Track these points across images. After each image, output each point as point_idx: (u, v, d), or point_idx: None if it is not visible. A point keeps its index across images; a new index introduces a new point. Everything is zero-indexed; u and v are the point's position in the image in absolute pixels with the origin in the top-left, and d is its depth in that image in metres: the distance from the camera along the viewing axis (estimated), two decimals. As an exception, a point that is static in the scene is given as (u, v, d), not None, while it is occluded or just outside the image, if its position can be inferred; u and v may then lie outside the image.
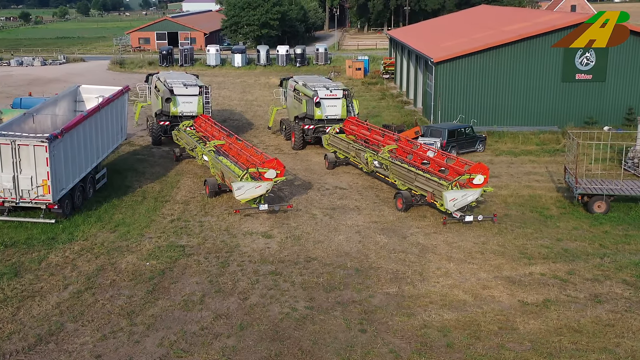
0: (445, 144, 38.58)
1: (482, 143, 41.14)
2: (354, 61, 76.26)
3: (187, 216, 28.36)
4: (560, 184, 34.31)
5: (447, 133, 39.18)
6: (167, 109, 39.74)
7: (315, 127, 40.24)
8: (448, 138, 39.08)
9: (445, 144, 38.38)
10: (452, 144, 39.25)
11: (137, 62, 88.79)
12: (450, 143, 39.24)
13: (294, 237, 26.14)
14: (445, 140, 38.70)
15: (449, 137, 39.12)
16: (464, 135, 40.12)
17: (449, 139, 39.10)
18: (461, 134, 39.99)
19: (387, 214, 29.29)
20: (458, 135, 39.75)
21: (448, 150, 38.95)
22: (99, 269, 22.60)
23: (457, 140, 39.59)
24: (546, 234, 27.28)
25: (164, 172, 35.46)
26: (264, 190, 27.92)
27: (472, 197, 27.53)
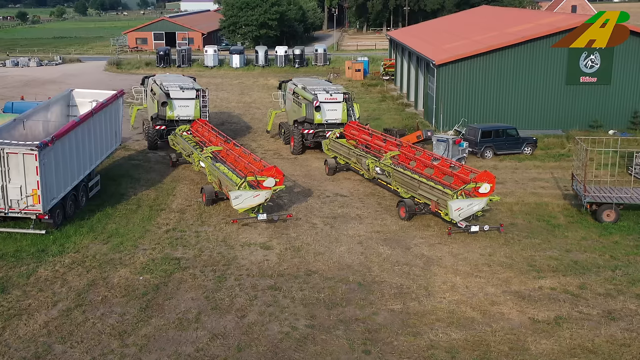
0: (477, 144, 38.28)
1: (531, 146, 39.61)
2: (354, 62, 75.34)
3: (183, 226, 27.40)
4: (567, 190, 33.39)
5: (481, 133, 38.42)
6: (163, 112, 38.77)
7: (315, 132, 39.30)
8: (481, 138, 38.34)
9: (456, 140, 37.80)
10: (486, 144, 38.47)
11: (134, 63, 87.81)
12: (485, 144, 38.45)
13: (293, 248, 25.20)
14: (477, 140, 38.30)
15: (482, 137, 38.39)
16: (503, 137, 39.15)
17: (482, 139, 38.37)
18: (499, 135, 39.05)
19: (390, 223, 28.36)
20: (495, 136, 38.91)
21: (482, 151, 38.31)
22: (90, 283, 21.63)
23: (493, 141, 38.78)
24: (554, 244, 26.36)
25: (160, 178, 34.49)
26: (263, 199, 26.98)
27: (478, 207, 26.60)
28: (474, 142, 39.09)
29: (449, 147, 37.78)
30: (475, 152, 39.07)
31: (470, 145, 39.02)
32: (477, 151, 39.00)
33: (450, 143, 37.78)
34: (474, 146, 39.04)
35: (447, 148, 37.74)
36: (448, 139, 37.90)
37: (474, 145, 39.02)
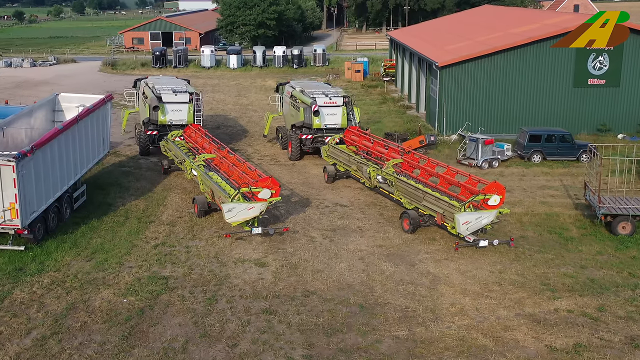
0: (525, 148, 37.61)
1: (587, 153, 37.80)
2: (353, 63, 73.64)
3: (172, 240, 25.74)
4: (578, 199, 31.80)
5: (529, 137, 37.55)
6: (154, 117, 37.11)
7: (314, 137, 37.63)
8: (528, 142, 37.49)
9: (486, 140, 37.03)
10: (534, 149, 37.57)
11: (129, 63, 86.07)
12: (532, 148, 37.56)
13: (290, 265, 23.55)
14: (525, 143, 37.61)
15: (529, 141, 37.53)
16: (554, 141, 37.93)
17: (529, 143, 37.51)
18: (550, 139, 37.87)
19: (393, 237, 26.73)
20: (546, 140, 37.82)
21: (529, 155, 37.44)
22: (70, 307, 19.95)
23: (542, 146, 37.70)
24: (568, 259, 24.74)
25: (150, 187, 32.83)
26: (258, 212, 25.32)
27: (487, 220, 24.96)
28: (522, 145, 38.12)
29: (478, 147, 36.87)
30: (522, 155, 38.06)
31: (519, 149, 38.18)
32: (524, 155, 38.05)
33: (480, 143, 36.91)
34: (521, 149, 38.10)
35: (476, 148, 36.93)
36: (478, 139, 37.02)
37: (522, 149, 38.07)
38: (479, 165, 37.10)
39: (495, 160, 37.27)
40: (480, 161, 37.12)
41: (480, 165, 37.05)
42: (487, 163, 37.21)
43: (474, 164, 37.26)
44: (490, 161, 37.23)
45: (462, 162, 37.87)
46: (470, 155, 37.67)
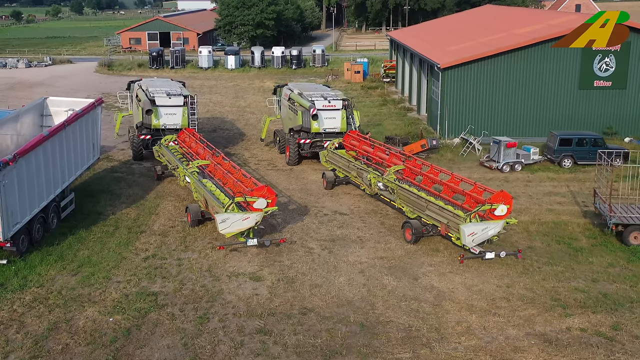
0: (555, 152, 36.90)
1: (621, 157, 36.81)
2: (353, 64, 72.43)
3: (163, 252, 24.55)
4: (586, 207, 30.66)
5: (559, 140, 36.70)
6: (148, 121, 35.92)
7: (312, 142, 36.45)
8: (559, 146, 36.67)
9: (508, 143, 36.20)
10: (564, 153, 36.70)
11: (126, 64, 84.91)
12: (563, 152, 36.70)
13: (287, 279, 22.37)
14: (555, 147, 36.86)
15: (560, 145, 36.69)
16: (586, 145, 36.93)
17: (559, 147, 36.69)
18: (581, 143, 36.93)
19: (395, 247, 25.55)
20: (577, 144, 36.90)
21: (559, 159, 36.59)
22: (52, 327, 18.76)
23: (573, 150, 36.77)
24: (579, 272, 23.58)
25: (143, 194, 31.63)
26: (253, 223, 24.12)
27: (494, 231, 23.78)
28: (552, 149, 37.26)
29: (500, 149, 36.02)
30: (552, 160, 37.18)
31: (549, 153, 37.40)
32: (554, 159, 37.06)
33: (502, 146, 36.02)
34: (551, 154, 37.16)
35: (498, 150, 36.14)
36: (500, 141, 36.13)
37: (552, 153, 37.13)
38: (500, 168, 36.17)
39: (518, 164, 36.32)
40: (501, 164, 36.16)
41: (501, 168, 36.13)
42: (509, 166, 36.24)
43: (495, 166, 36.34)
44: (512, 164, 36.25)
45: (484, 164, 37.05)
46: (493, 157, 36.85)
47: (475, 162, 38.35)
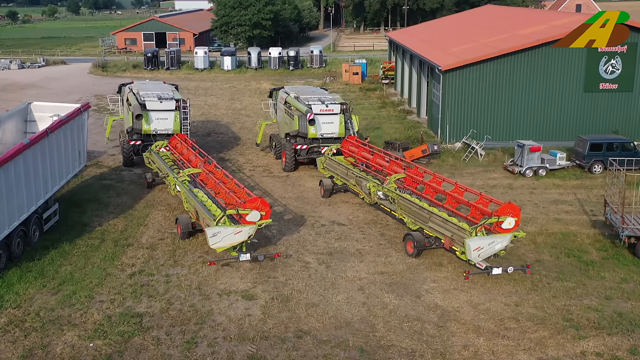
0: (585, 157, 35.91)
1: None
2: (351, 65, 71.10)
3: (151, 267, 23.17)
4: (595, 216, 29.38)
5: (589, 146, 35.62)
6: (138, 126, 34.54)
7: (309, 147, 35.09)
8: (589, 151, 35.58)
9: (532, 147, 35.18)
10: (595, 158, 35.56)
11: (120, 65, 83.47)
12: (593, 157, 35.48)
13: (281, 298, 21.02)
14: (585, 153, 35.78)
15: (590, 150, 35.59)
16: (616, 150, 35.83)
17: (590, 152, 35.59)
18: (612, 148, 35.88)
19: (396, 261, 24.21)
20: (607, 149, 35.78)
21: (589, 164, 35.56)
22: (26, 355, 17.36)
23: (604, 155, 35.53)
24: (591, 289, 22.25)
25: (132, 203, 30.25)
26: (246, 236, 22.75)
27: (501, 245, 22.45)
28: (582, 154, 36.12)
29: (523, 153, 35.00)
30: (582, 165, 36.15)
31: (578, 158, 36.34)
32: (584, 165, 36.05)
33: (526, 150, 34.95)
34: (581, 159, 36.14)
35: (521, 154, 35.16)
36: (524, 145, 35.06)
37: (582, 159, 36.09)
38: (523, 172, 35.08)
39: (542, 169, 35.22)
40: (524, 169, 35.04)
41: (523, 173, 35.05)
42: (532, 171, 35.14)
43: (517, 170, 35.28)
44: (536, 169, 35.15)
45: (507, 168, 36.10)
46: (517, 161, 35.86)
47: (477, 168, 37.07)
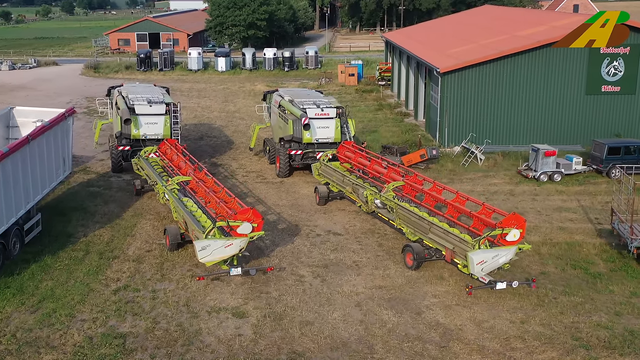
0: (603, 162, 34.94)
1: None
2: (347, 66, 69.97)
3: (137, 282, 22.01)
4: (600, 224, 28.35)
5: (607, 149, 34.59)
6: (127, 131, 33.37)
7: (304, 153, 33.96)
8: (607, 155, 34.55)
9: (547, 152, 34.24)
10: (614, 162, 34.54)
11: (113, 66, 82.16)
12: (612, 161, 34.61)
13: (274, 315, 19.88)
14: (603, 157, 34.94)
15: (608, 154, 34.70)
16: (636, 154, 34.97)
17: (608, 156, 34.61)
18: (631, 151, 35.02)
19: (394, 274, 23.10)
20: (626, 153, 34.92)
21: (608, 169, 34.58)
22: (-1, 382, 16.30)
23: (622, 159, 34.55)
24: (599, 304, 21.18)
25: (119, 211, 29.08)
26: (237, 250, 21.61)
27: (505, 258, 21.36)
28: (599, 158, 35.08)
29: (538, 158, 34.02)
30: (600, 170, 35.21)
31: (596, 162, 35.37)
32: (602, 169, 35.09)
33: (540, 154, 33.94)
34: (598, 164, 35.15)
35: (535, 158, 34.19)
36: (539, 149, 34.04)
37: (599, 163, 35.09)
38: (537, 177, 34.12)
39: (557, 174, 34.26)
40: (538, 173, 34.07)
41: (537, 178, 34.08)
42: (547, 176, 34.17)
43: (531, 175, 34.30)
44: (550, 174, 34.19)
45: (521, 172, 35.11)
46: (531, 165, 34.92)
47: (477, 173, 36.01)
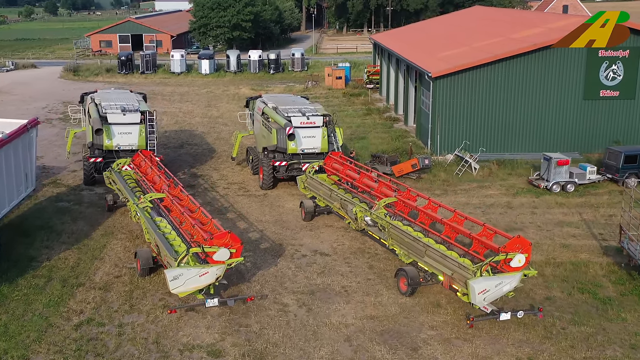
0: (619, 170, 33.39)
1: None
2: (334, 69, 67.95)
3: (102, 314, 19.83)
4: (605, 240, 26.57)
5: (624, 158, 32.90)
6: (98, 141, 31.17)
7: (289, 164, 31.88)
8: (624, 164, 33.17)
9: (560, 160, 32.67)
10: (630, 171, 33.26)
11: (93, 69, 79.62)
12: (628, 170, 33.27)
13: (254, 354, 17.80)
14: (619, 165, 33.39)
15: (625, 163, 33.19)
16: None
17: (625, 164, 33.19)
18: None
19: (387, 302, 21.09)
20: None
21: (624, 178, 32.74)
22: None
23: (639, 167, 33.19)
24: (612, 335, 19.28)
25: (89, 230, 26.85)
26: (213, 278, 19.49)
27: (510, 286, 19.40)
28: (615, 167, 33.43)
29: (550, 167, 32.22)
30: (616, 179, 33.62)
31: (611, 172, 33.79)
32: (618, 179, 33.46)
33: (553, 163, 32.12)
34: (614, 172, 33.61)
35: (548, 168, 32.38)
36: (551, 158, 32.27)
37: (615, 172, 33.53)
38: (549, 188, 32.36)
39: (570, 184, 32.52)
40: (550, 183, 32.30)
41: (550, 188, 32.31)
42: (560, 186, 32.42)
43: (543, 186, 32.54)
44: (563, 184, 32.46)
45: (532, 182, 33.34)
46: (543, 175, 33.17)
47: (472, 184, 34.13)
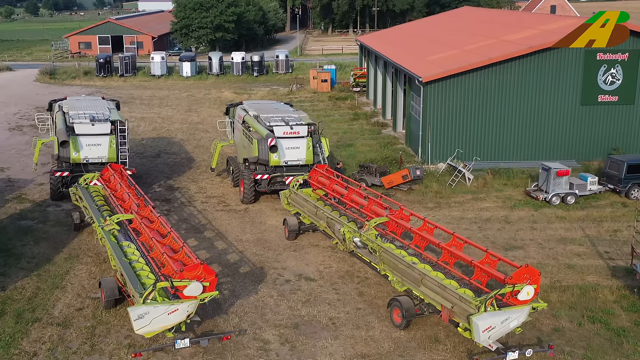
0: (622, 181, 31.87)
1: None
2: (320, 71, 65.78)
3: (59, 357, 17.53)
4: (612, 259, 24.77)
5: (627, 167, 31.62)
6: (65, 154, 28.82)
7: (271, 177, 29.68)
8: (627, 174, 31.73)
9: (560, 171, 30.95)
10: (633, 181, 31.79)
11: (70, 72, 77.01)
12: (632, 180, 31.78)
13: (230, 405, 15.63)
14: (622, 175, 31.86)
15: (628, 173, 31.73)
16: None
17: (628, 174, 31.74)
18: None
19: (379, 336, 18.97)
20: None
21: (627, 189, 31.66)
22: None
23: None
24: (631, 374, 17.30)
25: (51, 253, 24.47)
26: (184, 316, 17.21)
27: (517, 322, 17.30)
28: (617, 177, 31.74)
29: (549, 178, 30.39)
30: (618, 190, 32.07)
31: (613, 182, 32.20)
32: (620, 189, 31.94)
33: (552, 174, 30.26)
34: (616, 183, 32.04)
35: (547, 179, 30.54)
36: (550, 168, 30.41)
37: (617, 182, 31.96)
38: (548, 200, 30.50)
39: (570, 196, 30.71)
40: (549, 195, 30.42)
41: (549, 200, 30.45)
42: (559, 198, 30.56)
43: (542, 197, 30.65)
44: (563, 196, 30.61)
45: (530, 193, 31.43)
46: (541, 186, 31.29)
47: (466, 195, 32.16)
